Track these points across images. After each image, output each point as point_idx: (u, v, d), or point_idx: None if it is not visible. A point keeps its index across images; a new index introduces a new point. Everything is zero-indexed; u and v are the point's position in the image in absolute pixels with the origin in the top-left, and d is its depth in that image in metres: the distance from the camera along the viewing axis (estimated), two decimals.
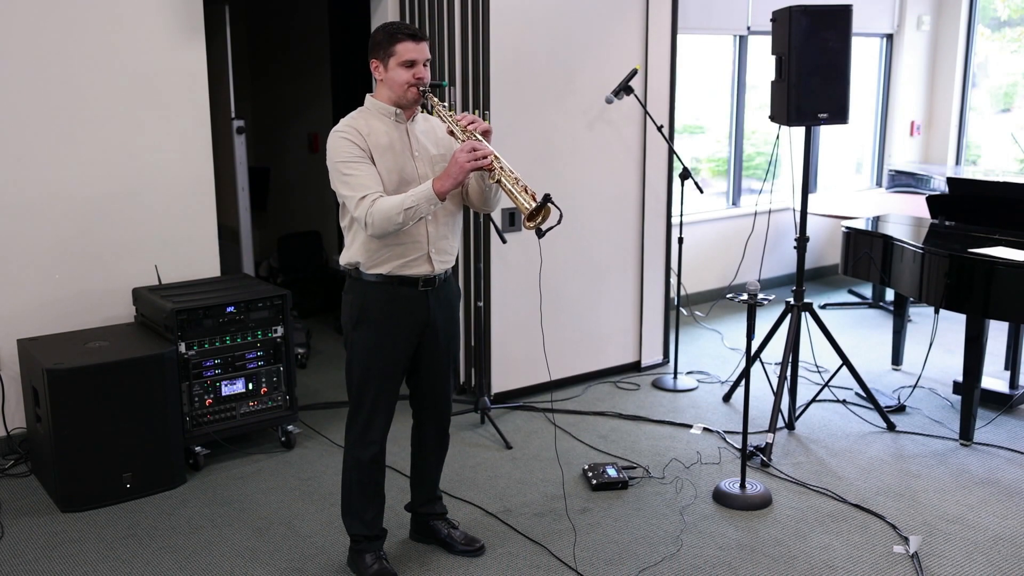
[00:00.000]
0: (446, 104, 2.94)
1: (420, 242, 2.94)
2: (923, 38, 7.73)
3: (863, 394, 4.63)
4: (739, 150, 6.93)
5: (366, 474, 3.10)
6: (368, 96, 3.00)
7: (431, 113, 3.01)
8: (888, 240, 4.67)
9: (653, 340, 5.36)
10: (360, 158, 2.85)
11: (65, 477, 3.61)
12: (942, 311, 4.64)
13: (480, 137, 2.83)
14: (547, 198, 2.72)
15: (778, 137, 4.62)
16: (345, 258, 3.01)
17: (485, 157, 2.76)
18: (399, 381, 3.08)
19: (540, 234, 2.76)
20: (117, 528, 3.51)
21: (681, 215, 5.11)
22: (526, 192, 2.76)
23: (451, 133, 2.90)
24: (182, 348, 3.90)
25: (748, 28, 6.59)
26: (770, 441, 4.15)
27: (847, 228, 5.06)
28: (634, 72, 4.73)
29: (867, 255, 4.85)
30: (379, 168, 2.88)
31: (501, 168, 2.79)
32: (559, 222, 2.86)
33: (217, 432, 4.01)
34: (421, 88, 2.89)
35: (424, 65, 2.89)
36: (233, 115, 5.24)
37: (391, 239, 2.89)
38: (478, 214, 4.61)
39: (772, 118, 4.35)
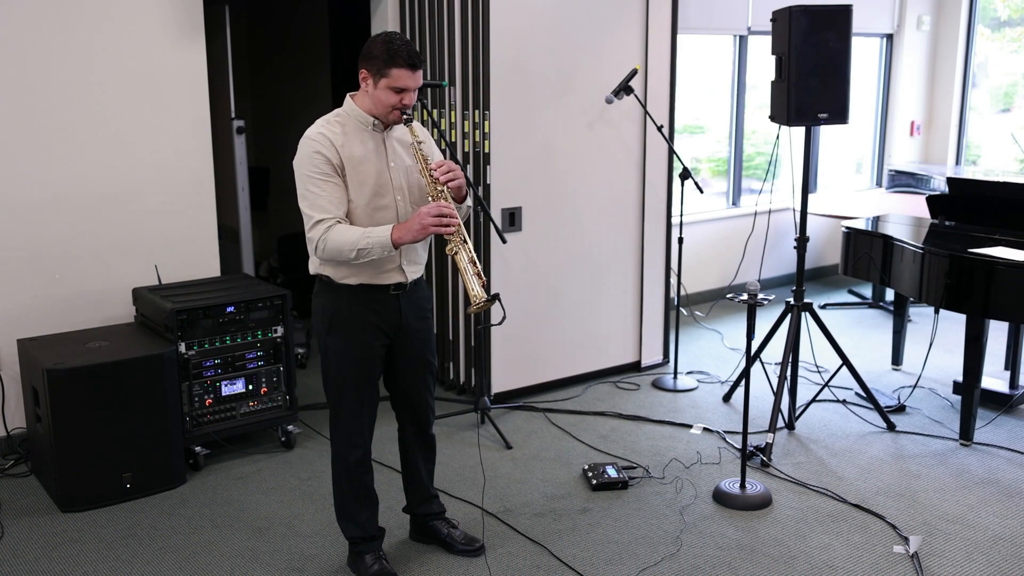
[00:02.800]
0: (417, 132, 2.90)
1: (393, 255, 2.92)
2: (923, 38, 7.73)
3: (863, 394, 4.63)
4: (739, 150, 6.93)
5: (354, 477, 3.10)
6: (349, 98, 2.94)
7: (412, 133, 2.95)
8: (888, 240, 4.67)
9: (653, 340, 5.36)
10: (327, 176, 2.82)
11: (65, 477, 3.61)
12: (942, 311, 4.64)
13: (450, 196, 2.84)
14: (495, 297, 2.76)
15: (778, 137, 4.62)
16: (314, 268, 2.99)
17: (449, 227, 2.76)
18: (376, 383, 3.07)
19: (478, 322, 2.78)
20: (117, 528, 3.51)
21: (681, 215, 5.11)
22: (479, 278, 2.77)
23: (422, 173, 2.88)
24: (182, 348, 3.90)
25: (748, 28, 6.59)
26: (770, 441, 4.15)
27: (847, 228, 5.06)
28: (634, 72, 4.73)
29: (867, 255, 4.85)
30: (352, 180, 2.85)
31: (463, 243, 2.80)
32: (501, 323, 2.91)
33: (217, 432, 4.01)
34: (405, 116, 2.85)
35: (414, 91, 2.85)
36: (233, 115, 5.24)
37: None
38: (479, 214, 4.61)
39: (772, 118, 4.35)
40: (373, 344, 3.00)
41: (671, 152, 5.13)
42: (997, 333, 5.11)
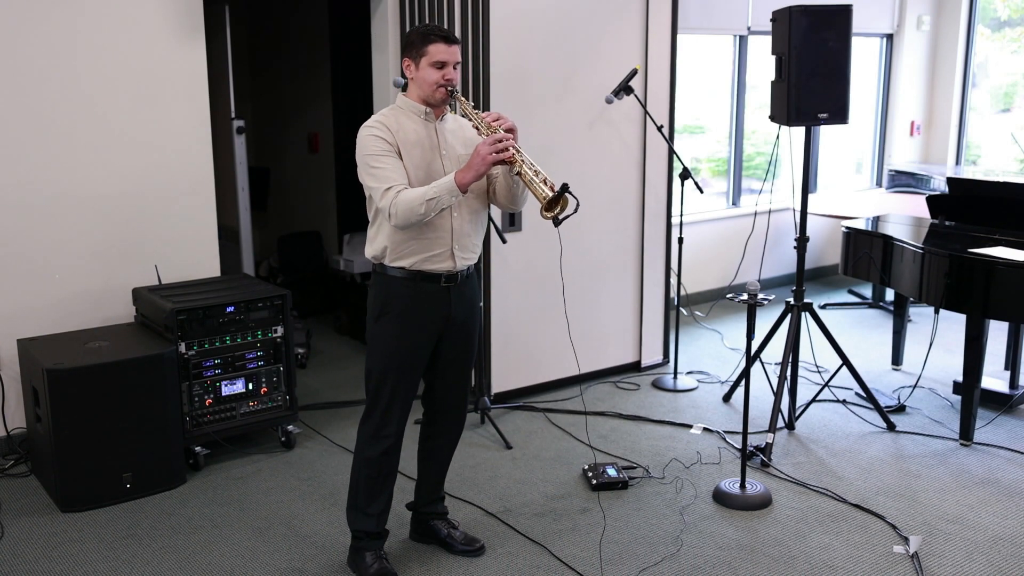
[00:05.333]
0: (473, 103, 3.01)
1: (444, 237, 2.98)
2: (923, 38, 7.73)
3: (863, 394, 4.63)
4: (739, 150, 6.93)
5: (375, 468, 3.10)
6: (400, 95, 3.07)
7: (454, 111, 3.07)
8: (888, 240, 4.67)
9: (653, 340, 5.36)
10: (387, 152, 2.91)
11: (65, 477, 3.61)
12: (942, 311, 4.64)
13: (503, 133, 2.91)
14: (564, 187, 2.78)
15: (778, 137, 4.62)
16: (370, 250, 3.04)
17: (506, 150, 2.82)
18: (418, 376, 3.10)
19: (557, 223, 2.82)
20: (117, 528, 3.52)
21: (681, 215, 5.12)
22: (545, 184, 2.81)
23: (477, 129, 2.97)
24: (182, 348, 3.90)
25: (748, 28, 6.59)
26: (770, 441, 4.15)
27: (847, 228, 5.06)
28: (634, 72, 4.73)
29: (867, 255, 4.85)
30: (406, 164, 2.94)
31: (522, 161, 2.85)
32: (576, 210, 2.88)
33: (217, 432, 4.01)
34: (449, 88, 2.95)
35: (454, 67, 2.95)
36: (233, 115, 5.25)
37: (415, 232, 2.93)
38: None
39: (772, 118, 4.35)
40: (421, 337, 3.04)
41: (671, 152, 5.13)
42: (997, 333, 5.11)
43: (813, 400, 4.70)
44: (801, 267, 4.51)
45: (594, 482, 3.82)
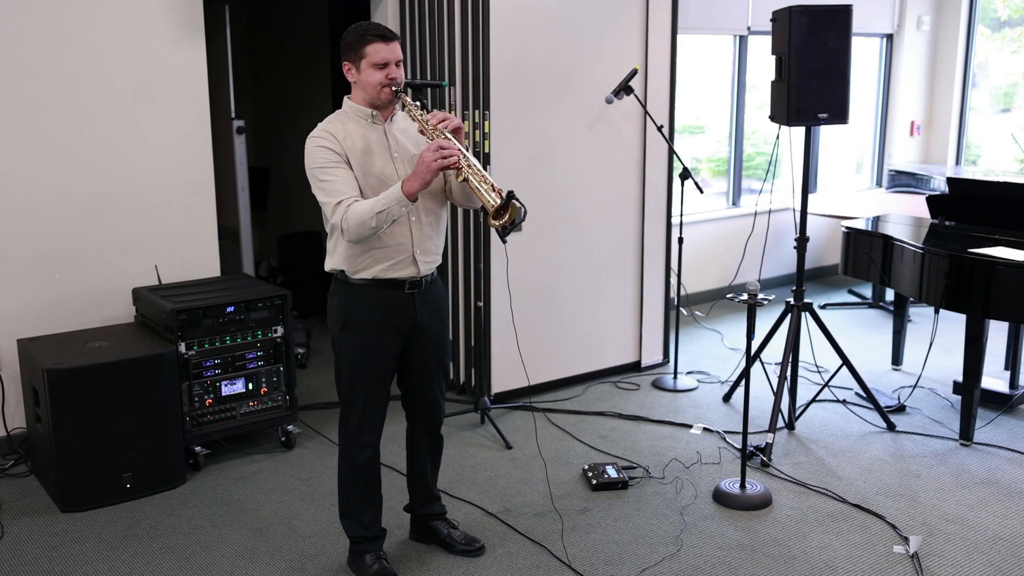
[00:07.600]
0: (419, 103, 2.92)
1: (404, 244, 2.93)
2: (923, 38, 7.74)
3: (863, 394, 4.63)
4: (739, 150, 6.93)
5: (361, 476, 3.10)
6: (345, 98, 2.99)
7: (404, 110, 2.98)
8: (888, 240, 4.67)
9: (653, 340, 5.36)
10: (335, 163, 2.84)
11: (65, 477, 3.61)
12: (942, 311, 4.64)
13: (449, 135, 2.82)
14: (511, 195, 2.71)
15: (778, 137, 4.62)
16: (330, 264, 3.00)
17: (451, 155, 2.74)
18: (388, 383, 3.07)
19: (505, 232, 2.74)
20: (117, 528, 3.52)
21: (681, 215, 5.11)
22: (493, 190, 2.75)
23: (422, 132, 2.88)
24: (182, 348, 3.90)
25: (748, 28, 6.59)
26: (770, 441, 4.15)
27: (847, 228, 5.06)
28: (634, 72, 4.72)
29: (867, 255, 4.85)
30: (356, 171, 2.87)
31: (469, 166, 2.77)
32: (523, 218, 2.80)
33: (217, 432, 4.01)
34: (394, 88, 2.87)
35: (396, 65, 2.87)
36: (233, 115, 5.25)
37: (375, 243, 2.88)
38: (478, 214, 4.61)
39: (772, 118, 4.35)
40: (387, 344, 3.00)
41: (671, 152, 5.13)
42: (997, 333, 5.11)
43: (813, 400, 4.70)
44: (801, 267, 4.51)
45: (594, 482, 3.82)
